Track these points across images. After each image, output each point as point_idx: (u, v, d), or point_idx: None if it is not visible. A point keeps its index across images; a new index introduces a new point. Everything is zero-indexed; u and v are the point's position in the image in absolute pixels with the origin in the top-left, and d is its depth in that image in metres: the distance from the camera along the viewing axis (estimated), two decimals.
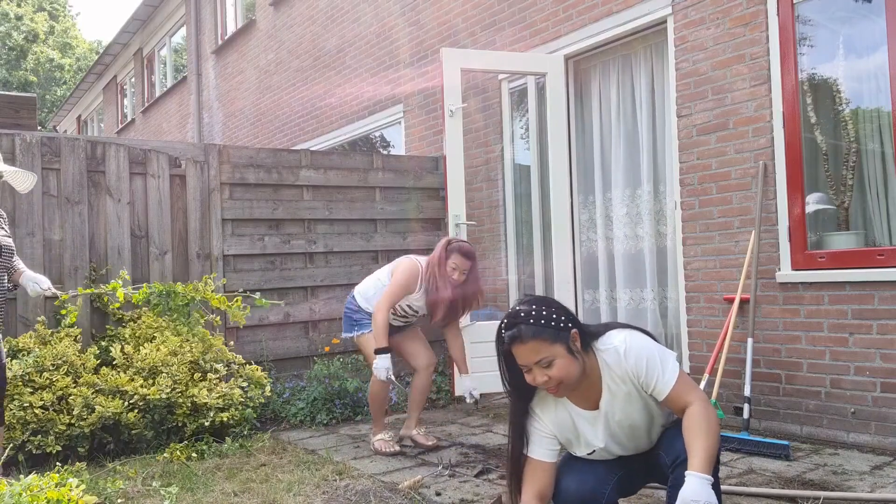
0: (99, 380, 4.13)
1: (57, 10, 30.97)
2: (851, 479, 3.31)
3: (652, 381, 2.23)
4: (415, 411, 4.24)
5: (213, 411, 4.23)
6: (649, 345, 2.28)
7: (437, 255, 4.04)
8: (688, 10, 4.63)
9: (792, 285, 4.13)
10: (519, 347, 2.22)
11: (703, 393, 2.24)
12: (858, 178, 4.08)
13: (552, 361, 2.20)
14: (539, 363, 2.20)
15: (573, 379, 2.24)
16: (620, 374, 2.27)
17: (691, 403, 2.19)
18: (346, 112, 8.33)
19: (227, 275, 5.28)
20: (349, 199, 5.80)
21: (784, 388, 4.17)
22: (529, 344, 2.20)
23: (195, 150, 5.28)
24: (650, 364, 2.23)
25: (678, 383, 2.22)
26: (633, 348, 2.25)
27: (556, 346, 2.20)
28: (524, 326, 2.21)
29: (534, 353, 2.20)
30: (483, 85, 6.24)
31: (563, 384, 2.24)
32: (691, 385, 2.24)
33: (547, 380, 2.22)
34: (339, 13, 8.48)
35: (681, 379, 2.23)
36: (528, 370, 2.24)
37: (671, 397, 2.22)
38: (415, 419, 4.23)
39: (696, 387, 2.25)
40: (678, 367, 2.25)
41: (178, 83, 13.72)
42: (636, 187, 5.29)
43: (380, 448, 4.06)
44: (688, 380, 2.25)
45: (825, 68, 4.22)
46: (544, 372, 2.21)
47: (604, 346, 2.30)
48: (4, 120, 6.43)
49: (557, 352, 2.20)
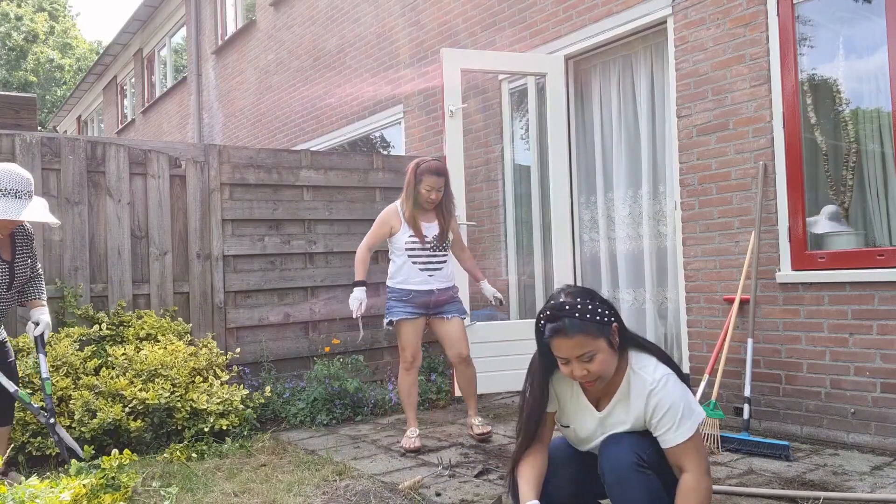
0: (98, 381, 4.13)
1: (57, 11, 30.97)
2: (851, 479, 3.31)
3: (662, 429, 2.21)
4: (469, 401, 4.38)
5: (213, 416, 4.23)
6: (678, 397, 2.22)
7: (408, 180, 4.20)
8: (688, 11, 4.63)
9: (792, 285, 4.13)
10: (562, 341, 2.18)
11: (704, 464, 2.20)
12: (858, 178, 4.08)
13: (594, 356, 2.17)
14: (580, 357, 2.17)
15: (611, 374, 2.23)
16: (637, 402, 2.25)
17: (687, 471, 2.17)
18: (346, 112, 8.33)
19: (227, 275, 5.28)
20: (349, 199, 5.80)
21: (784, 388, 4.17)
22: (574, 339, 2.16)
23: (195, 151, 5.28)
24: (669, 414, 2.20)
25: (685, 445, 2.19)
26: (662, 393, 2.21)
27: (599, 340, 2.17)
28: (569, 320, 2.17)
29: (578, 347, 2.16)
30: (483, 85, 6.25)
31: (600, 378, 2.22)
32: (697, 452, 2.20)
33: (586, 374, 2.19)
34: (340, 13, 8.48)
35: (690, 442, 2.19)
36: (567, 362, 2.21)
37: (671, 452, 2.21)
38: (472, 408, 4.37)
39: (701, 455, 2.21)
40: (694, 430, 2.21)
41: (178, 83, 13.72)
42: (636, 188, 5.29)
43: (404, 444, 4.14)
44: (697, 446, 2.21)
45: (825, 69, 4.22)
46: (584, 366, 2.18)
47: (639, 367, 2.27)
48: (4, 120, 6.43)
49: (600, 346, 2.17)
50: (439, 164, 4.20)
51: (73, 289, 4.71)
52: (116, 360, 4.30)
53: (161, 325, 4.77)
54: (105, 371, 4.25)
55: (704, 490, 2.15)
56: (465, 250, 4.58)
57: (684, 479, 2.16)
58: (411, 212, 4.19)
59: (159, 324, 4.78)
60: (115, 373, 4.25)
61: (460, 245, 4.53)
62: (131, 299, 4.94)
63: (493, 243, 6.18)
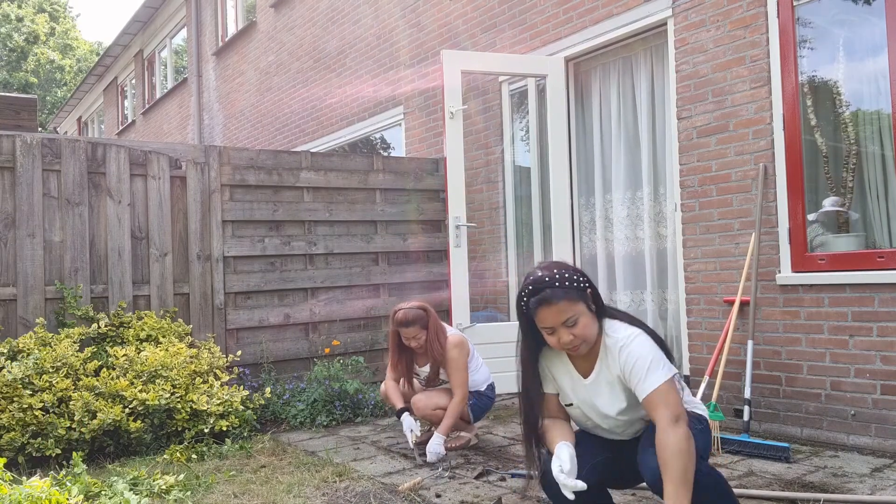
0: (98, 383, 4.13)
1: (57, 12, 31.00)
2: (851, 481, 3.30)
3: (634, 381, 2.31)
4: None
5: (213, 418, 4.23)
6: (647, 350, 2.32)
7: (390, 330, 4.13)
8: (688, 13, 4.63)
9: (792, 287, 4.13)
10: (546, 310, 2.31)
11: (675, 410, 2.21)
12: (858, 180, 4.08)
13: (577, 320, 2.31)
14: (565, 323, 2.30)
15: (593, 337, 2.36)
16: (612, 361, 2.38)
17: (657, 421, 2.21)
18: (346, 114, 8.33)
19: (227, 276, 5.29)
20: (349, 200, 5.80)
21: (784, 390, 4.17)
22: (557, 305, 2.29)
23: (195, 152, 5.28)
24: (638, 364, 2.30)
25: (656, 393, 2.24)
26: (630, 346, 2.33)
27: (579, 304, 2.32)
28: (550, 290, 2.30)
29: (561, 313, 2.29)
30: (483, 87, 6.25)
31: (584, 342, 2.34)
32: (669, 400, 2.23)
33: (572, 339, 2.31)
34: (340, 15, 8.49)
35: (661, 390, 2.24)
36: (552, 332, 2.33)
37: (645, 403, 2.29)
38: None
39: (672, 403, 2.22)
40: (665, 379, 2.26)
41: (178, 85, 13.73)
42: (636, 189, 5.30)
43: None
44: (668, 394, 2.24)
45: (825, 70, 4.23)
46: (569, 331, 2.31)
47: (611, 330, 2.40)
48: (5, 121, 6.44)
49: (581, 310, 2.32)
50: (405, 315, 3.98)
51: (73, 290, 4.72)
52: (117, 361, 4.30)
53: (161, 327, 4.77)
54: (105, 372, 4.24)
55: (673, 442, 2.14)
56: (455, 388, 4.05)
57: (658, 439, 2.18)
58: (396, 361, 4.16)
59: (160, 325, 4.78)
60: (116, 374, 4.25)
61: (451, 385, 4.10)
62: (131, 300, 4.94)
63: (494, 244, 6.18)
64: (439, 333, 4.04)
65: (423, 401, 4.09)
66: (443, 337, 4.05)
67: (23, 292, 4.60)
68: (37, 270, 4.66)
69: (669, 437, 2.16)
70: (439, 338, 4.03)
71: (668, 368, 2.30)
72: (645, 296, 5.23)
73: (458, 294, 5.36)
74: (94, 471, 3.83)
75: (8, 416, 3.85)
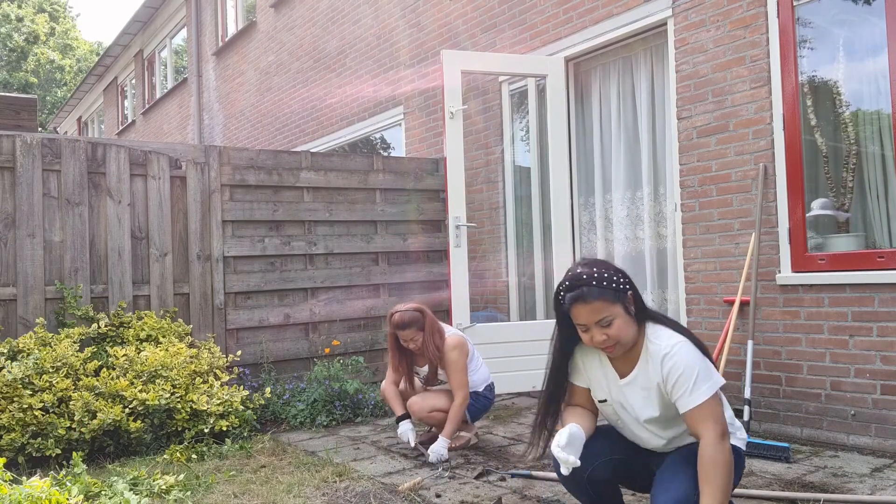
0: (98, 383, 4.13)
1: (57, 12, 31.00)
2: (851, 481, 3.30)
3: (677, 393, 2.27)
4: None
5: (213, 418, 4.23)
6: (693, 361, 2.28)
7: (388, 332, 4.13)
8: (688, 13, 4.63)
9: (792, 287, 4.13)
10: (580, 308, 2.30)
11: (721, 426, 2.21)
12: (858, 180, 4.08)
13: (612, 321, 2.29)
14: (599, 323, 2.29)
15: (629, 340, 2.34)
16: (654, 369, 2.34)
17: (702, 436, 2.20)
18: (346, 114, 8.33)
19: (227, 276, 5.29)
20: (349, 200, 5.80)
21: (784, 390, 4.17)
22: (592, 304, 2.29)
23: (195, 152, 5.28)
24: (683, 377, 2.26)
25: (700, 409, 2.22)
26: (674, 357, 2.29)
27: (615, 306, 2.30)
28: (587, 288, 2.29)
29: (595, 312, 2.29)
30: (483, 87, 6.25)
31: (619, 343, 2.33)
32: (714, 416, 2.21)
33: (605, 339, 2.30)
34: (340, 15, 8.48)
35: (706, 406, 2.22)
36: (586, 329, 2.33)
37: (688, 417, 2.26)
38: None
39: (719, 418, 2.22)
40: (710, 393, 2.24)
41: (178, 85, 13.73)
42: (636, 189, 5.30)
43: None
44: (715, 409, 2.23)
45: (825, 70, 4.23)
46: (603, 331, 2.30)
47: (654, 336, 2.37)
48: (5, 121, 6.44)
49: (617, 312, 2.30)
50: (401, 317, 3.98)
51: (73, 290, 4.72)
52: (117, 361, 4.31)
53: (161, 327, 4.77)
54: (105, 372, 4.25)
55: (724, 455, 2.16)
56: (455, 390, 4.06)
57: (701, 450, 2.19)
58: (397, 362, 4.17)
59: (160, 325, 4.78)
60: (116, 374, 4.25)
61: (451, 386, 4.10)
62: (131, 300, 4.94)
63: (494, 244, 6.18)
64: (435, 335, 4.03)
65: (419, 403, 4.09)
66: (439, 339, 4.04)
67: (23, 292, 4.60)
68: (37, 270, 4.66)
69: (718, 453, 2.16)
70: (435, 339, 4.02)
71: (713, 382, 2.26)
72: (645, 296, 5.22)
73: (458, 294, 5.36)
74: (94, 471, 3.83)
75: (8, 416, 3.85)
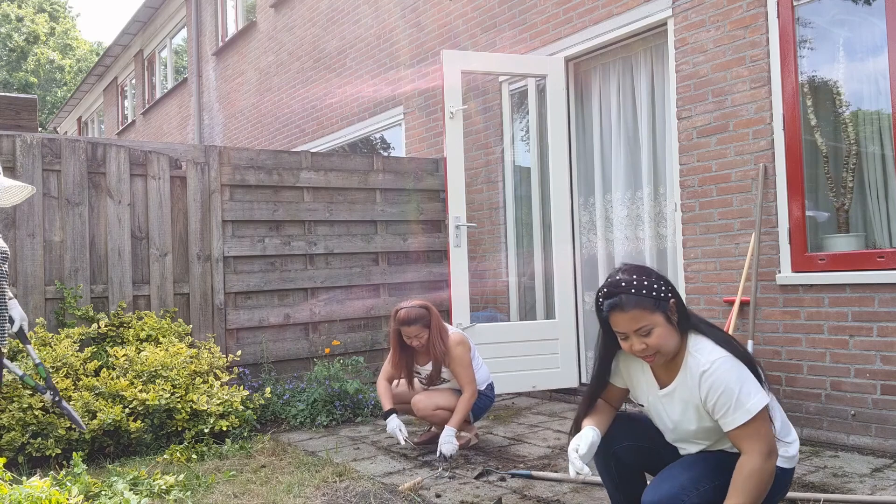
0: (98, 383, 4.14)
1: (57, 12, 31.01)
2: (852, 481, 3.30)
3: (719, 413, 2.22)
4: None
5: (213, 418, 4.23)
6: (733, 380, 2.19)
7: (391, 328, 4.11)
8: (688, 13, 4.63)
9: (792, 287, 4.13)
10: (619, 316, 2.26)
11: (767, 445, 2.15)
12: (858, 180, 4.08)
13: (651, 330, 2.24)
14: (638, 331, 2.24)
15: (670, 349, 2.28)
16: (692, 384, 2.28)
17: (746, 454, 2.16)
18: (346, 114, 8.33)
19: (227, 276, 5.29)
20: (349, 200, 5.80)
21: (784, 390, 4.17)
22: (630, 313, 2.23)
23: (195, 152, 5.28)
24: (723, 398, 2.19)
25: (741, 429, 2.17)
26: (713, 376, 2.21)
27: (655, 315, 2.24)
28: (625, 296, 2.24)
29: (634, 321, 2.24)
30: (483, 87, 6.25)
31: (659, 353, 2.27)
32: (759, 435, 2.16)
33: (644, 348, 2.25)
34: (340, 15, 8.48)
35: (749, 427, 2.16)
36: (626, 337, 2.28)
37: (731, 436, 2.22)
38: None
39: (765, 436, 2.17)
40: (751, 415, 2.16)
41: (178, 85, 13.73)
42: (636, 189, 5.30)
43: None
44: (757, 431, 2.16)
45: (825, 71, 4.23)
46: (642, 340, 2.24)
47: (695, 350, 2.30)
48: (5, 121, 6.45)
49: (657, 321, 2.24)
50: (407, 313, 3.97)
51: (73, 290, 4.72)
52: (117, 361, 4.31)
53: (161, 327, 4.77)
54: (105, 372, 4.25)
55: (763, 473, 2.12)
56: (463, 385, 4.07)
57: (741, 462, 2.16)
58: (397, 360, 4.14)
59: (160, 325, 4.78)
60: (116, 374, 4.25)
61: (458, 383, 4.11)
62: (131, 300, 4.94)
63: (494, 244, 6.18)
64: (441, 332, 4.04)
65: (423, 401, 4.09)
66: (445, 336, 4.04)
67: (23, 292, 4.60)
68: (37, 270, 4.66)
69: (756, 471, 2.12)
70: (442, 336, 4.02)
71: (758, 399, 2.17)
72: None
73: (458, 294, 5.36)
74: (94, 471, 3.83)
75: (8, 415, 3.85)
